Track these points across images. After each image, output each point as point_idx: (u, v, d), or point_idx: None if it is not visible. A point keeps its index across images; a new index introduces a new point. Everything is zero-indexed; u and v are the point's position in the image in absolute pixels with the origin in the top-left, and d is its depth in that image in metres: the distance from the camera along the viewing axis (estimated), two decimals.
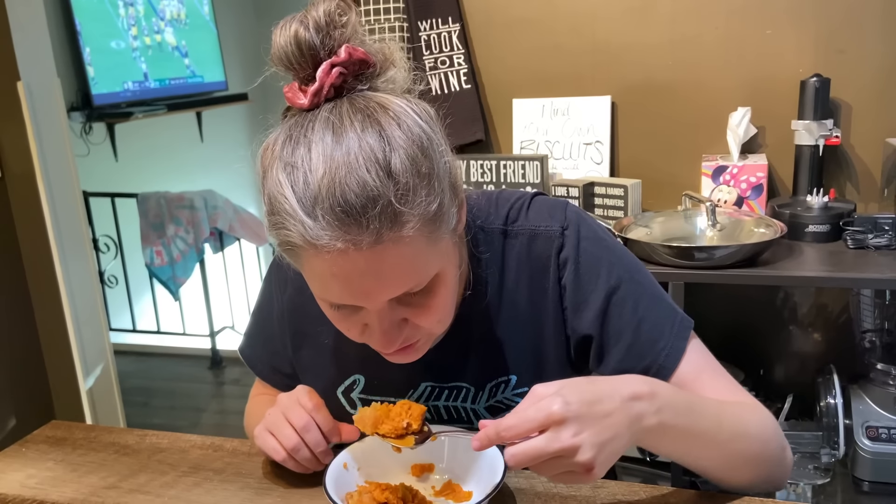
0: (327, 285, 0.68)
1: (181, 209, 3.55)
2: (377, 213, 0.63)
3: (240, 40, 5.02)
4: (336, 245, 0.63)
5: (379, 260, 0.65)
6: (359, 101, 0.68)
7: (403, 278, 0.68)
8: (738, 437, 0.76)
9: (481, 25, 1.87)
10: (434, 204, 0.67)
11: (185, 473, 0.89)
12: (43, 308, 2.21)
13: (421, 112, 0.70)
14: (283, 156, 0.66)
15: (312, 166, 0.64)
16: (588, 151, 1.82)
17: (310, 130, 0.66)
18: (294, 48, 0.67)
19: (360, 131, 0.65)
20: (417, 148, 0.66)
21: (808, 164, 1.62)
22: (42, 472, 0.91)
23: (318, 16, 0.67)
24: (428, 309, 0.73)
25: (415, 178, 0.65)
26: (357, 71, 0.69)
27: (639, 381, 0.70)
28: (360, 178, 0.63)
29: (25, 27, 2.08)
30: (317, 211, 0.63)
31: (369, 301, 0.69)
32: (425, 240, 0.67)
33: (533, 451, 0.63)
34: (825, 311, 1.76)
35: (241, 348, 1.03)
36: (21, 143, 2.09)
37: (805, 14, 1.65)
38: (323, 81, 0.67)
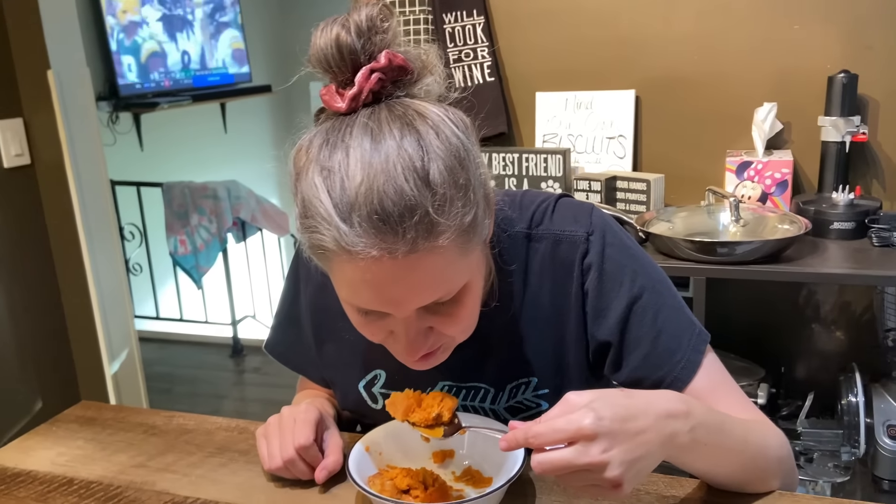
0: (357, 291, 0.68)
1: (205, 199, 3.59)
2: (414, 223, 0.63)
3: (264, 32, 5.05)
4: (371, 252, 0.63)
5: (412, 269, 0.65)
6: (397, 108, 0.68)
7: (434, 288, 0.68)
8: (760, 455, 0.77)
9: (505, 18, 1.87)
10: (469, 216, 0.67)
11: (212, 454, 0.91)
12: (70, 294, 2.25)
13: (457, 121, 0.70)
14: (319, 159, 0.66)
15: (350, 172, 0.64)
16: (611, 145, 1.82)
17: (348, 135, 0.66)
18: (334, 51, 0.67)
19: (399, 138, 0.65)
20: (454, 158, 0.67)
21: (834, 161, 1.60)
22: (72, 450, 0.93)
23: (361, 20, 0.67)
24: (454, 318, 0.73)
25: (452, 189, 0.65)
26: (395, 77, 0.69)
27: (675, 399, 0.69)
28: (398, 186, 0.63)
29: (56, 16, 2.11)
30: (353, 217, 0.63)
31: (398, 309, 0.69)
32: (458, 250, 0.68)
33: (560, 462, 0.62)
34: (848, 309, 1.74)
35: (271, 347, 1.02)
36: (50, 132, 2.12)
37: (833, 9, 1.63)
38: (362, 86, 0.67)
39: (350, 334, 0.92)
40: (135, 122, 3.91)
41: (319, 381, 1.01)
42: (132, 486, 0.85)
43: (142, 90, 3.80)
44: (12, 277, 2.10)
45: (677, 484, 0.80)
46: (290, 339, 1.00)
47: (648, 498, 0.78)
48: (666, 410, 0.67)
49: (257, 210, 3.79)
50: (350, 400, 0.95)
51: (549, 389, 0.86)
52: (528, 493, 0.80)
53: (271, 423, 0.86)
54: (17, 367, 2.12)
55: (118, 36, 3.65)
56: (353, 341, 0.92)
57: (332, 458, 0.83)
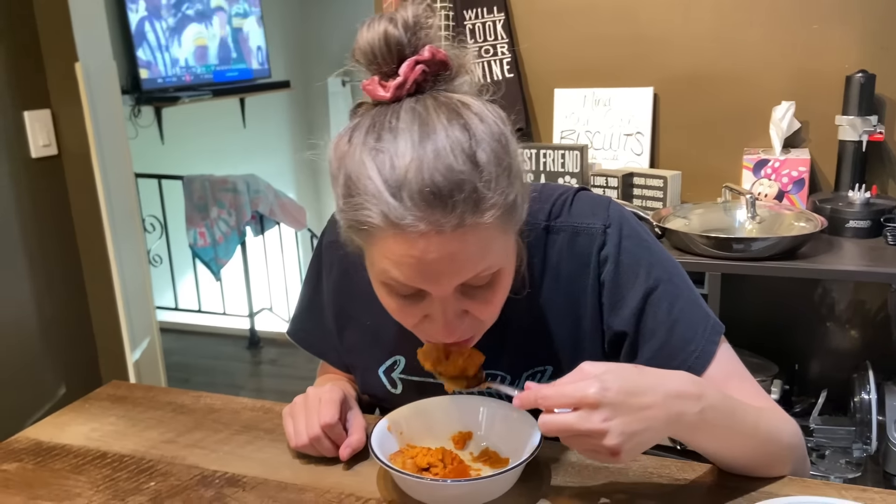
0: (400, 267, 0.70)
1: (224, 192, 3.64)
2: (462, 198, 0.66)
3: (284, 28, 5.10)
4: (419, 226, 0.66)
5: (457, 243, 0.68)
6: (441, 97, 0.71)
7: (475, 264, 0.71)
8: (771, 441, 0.79)
9: (526, 15, 1.89)
10: (512, 195, 0.71)
11: (238, 432, 0.94)
12: (94, 283, 2.30)
13: (496, 113, 0.73)
14: (367, 141, 0.69)
15: (399, 151, 0.67)
16: (628, 142, 1.83)
17: (395, 119, 0.69)
18: (382, 43, 0.71)
19: (447, 122, 0.68)
20: (498, 143, 0.70)
21: (851, 160, 1.62)
22: (105, 426, 0.97)
23: (407, 16, 0.71)
24: (488, 303, 0.76)
25: (497, 168, 0.69)
26: (436, 71, 0.72)
27: (687, 380, 0.72)
28: (448, 163, 0.66)
29: (84, 10, 2.15)
30: (402, 192, 0.66)
31: (438, 286, 0.72)
32: (500, 229, 0.71)
33: (563, 425, 0.67)
34: (863, 307, 1.75)
35: (293, 331, 1.05)
36: (77, 123, 2.17)
37: (852, 9, 1.64)
38: (407, 76, 0.70)
39: (371, 320, 0.95)
40: (156, 115, 3.96)
41: (340, 366, 1.04)
42: (163, 460, 0.88)
43: (163, 84, 3.85)
44: (38, 265, 2.14)
45: (689, 468, 0.83)
46: (312, 324, 1.02)
47: (661, 481, 0.80)
48: (676, 390, 0.70)
49: (275, 204, 3.84)
50: (370, 384, 0.98)
51: None
52: (544, 474, 0.82)
53: (297, 403, 0.89)
54: (42, 353, 2.17)
55: (141, 31, 3.70)
56: (374, 327, 0.95)
57: (356, 437, 0.86)
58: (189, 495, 0.81)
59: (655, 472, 0.82)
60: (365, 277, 0.93)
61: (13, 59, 2.05)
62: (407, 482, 0.77)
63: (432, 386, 0.93)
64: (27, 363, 2.13)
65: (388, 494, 0.79)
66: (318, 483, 0.82)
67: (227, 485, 0.82)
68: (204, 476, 0.84)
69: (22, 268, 2.10)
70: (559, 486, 0.80)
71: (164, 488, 0.82)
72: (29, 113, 2.09)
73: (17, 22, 2.06)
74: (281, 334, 3.91)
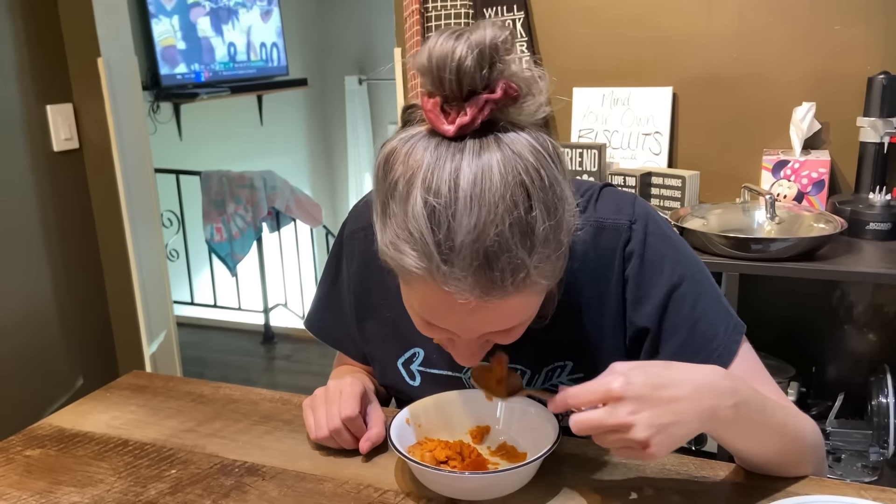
0: (431, 312, 0.71)
1: (241, 188, 3.66)
2: (512, 278, 0.66)
3: (301, 25, 5.12)
4: (465, 295, 0.66)
5: (496, 309, 0.69)
6: (503, 143, 0.67)
7: (509, 321, 0.73)
8: (798, 439, 0.79)
9: (545, 14, 1.89)
10: (559, 266, 0.71)
11: (257, 422, 0.95)
12: (112, 276, 2.32)
13: (554, 155, 0.69)
14: (424, 184, 0.65)
15: (457, 214, 0.64)
16: (647, 142, 1.83)
17: (456, 173, 0.65)
18: (452, 69, 0.65)
19: (508, 183, 0.65)
20: (554, 205, 0.68)
21: (872, 162, 1.60)
22: (126, 414, 0.98)
23: (485, 42, 0.65)
24: (511, 335, 0.77)
25: (551, 247, 0.68)
26: (504, 104, 0.68)
27: (720, 375, 0.71)
28: (504, 240, 0.64)
29: (106, 5, 2.17)
30: (454, 260, 0.65)
31: (467, 334, 0.73)
32: (538, 291, 0.72)
33: (592, 422, 0.67)
34: (881, 310, 1.74)
35: (311, 323, 1.05)
36: (99, 117, 2.19)
37: (874, 10, 1.63)
38: (475, 116, 0.66)
39: (391, 312, 0.95)
40: (175, 111, 4.00)
41: (358, 358, 1.04)
42: (183, 448, 0.89)
43: (182, 81, 3.88)
44: (58, 257, 2.17)
45: (707, 466, 0.83)
46: (330, 316, 1.03)
47: (679, 478, 0.80)
48: (707, 383, 0.70)
49: (292, 201, 3.85)
50: (388, 376, 0.98)
51: (584, 374, 0.89)
52: (563, 469, 0.82)
53: (318, 395, 0.90)
54: (61, 344, 2.19)
55: (161, 27, 3.73)
56: (394, 319, 0.95)
57: (376, 430, 0.86)
58: (209, 483, 0.82)
59: (674, 470, 0.82)
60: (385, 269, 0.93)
61: (37, 54, 2.07)
62: (425, 474, 0.78)
63: (451, 379, 0.93)
64: (46, 354, 2.15)
65: (405, 486, 0.80)
66: (337, 474, 0.83)
67: (246, 474, 0.83)
68: (224, 465, 0.85)
69: (42, 260, 2.12)
70: (577, 481, 0.80)
71: (184, 476, 0.83)
72: (51, 107, 2.11)
73: (41, 17, 2.09)
74: (295, 330, 3.93)
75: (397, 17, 2.01)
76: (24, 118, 2.05)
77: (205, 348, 3.80)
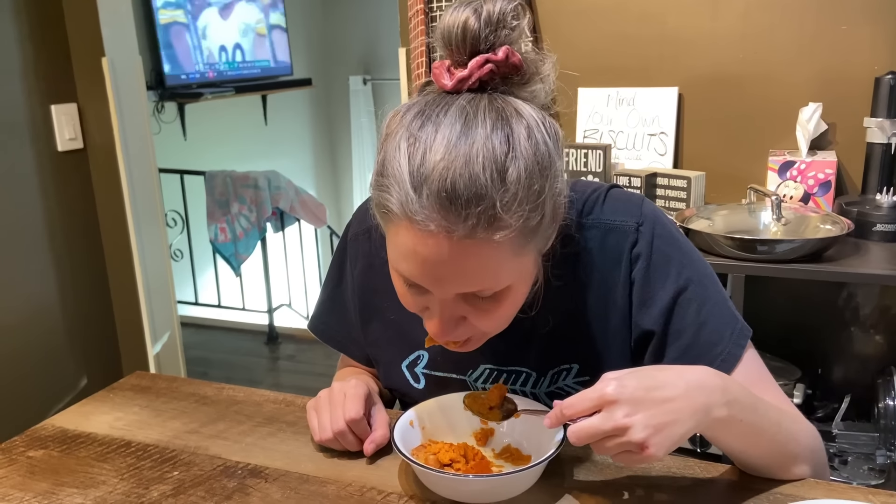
0: (407, 260, 0.71)
1: (246, 188, 3.66)
2: (478, 211, 0.65)
3: (306, 25, 5.12)
4: (429, 226, 0.66)
5: (463, 254, 0.67)
6: (498, 101, 0.70)
7: (479, 278, 0.70)
8: (792, 441, 0.79)
9: (551, 13, 1.88)
10: (533, 221, 0.69)
11: (260, 424, 0.95)
12: (117, 276, 2.32)
13: (551, 131, 0.71)
14: (410, 126, 0.69)
15: (434, 146, 0.66)
16: (652, 142, 1.82)
17: (443, 113, 0.68)
18: (458, 31, 0.70)
19: (490, 129, 0.67)
20: (536, 163, 0.68)
21: (879, 163, 1.59)
22: (129, 415, 0.98)
23: (492, 11, 0.70)
24: (489, 314, 0.75)
25: (524, 191, 0.67)
26: (506, 73, 0.71)
27: (709, 373, 0.72)
28: (474, 172, 0.65)
29: (111, 5, 2.18)
30: (423, 188, 0.66)
31: (439, 289, 0.71)
32: (512, 251, 0.69)
33: (589, 429, 0.67)
34: (888, 312, 1.73)
35: (314, 325, 1.05)
36: (103, 117, 2.19)
37: (882, 10, 1.62)
38: (472, 72, 0.69)
39: (395, 314, 0.95)
40: (179, 111, 4.00)
41: (361, 360, 1.04)
42: (186, 449, 0.89)
43: (187, 81, 3.89)
44: (63, 257, 2.17)
45: (712, 468, 0.82)
46: (334, 318, 1.03)
47: (684, 480, 0.80)
48: (697, 381, 0.70)
49: (296, 201, 3.86)
50: (393, 379, 0.98)
51: (590, 377, 0.88)
52: (567, 471, 0.82)
53: (322, 397, 0.89)
54: (65, 344, 2.20)
55: (166, 27, 3.73)
56: (398, 321, 0.95)
57: (380, 433, 0.86)
58: (212, 485, 0.81)
59: (679, 472, 0.81)
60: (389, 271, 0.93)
61: (41, 54, 2.08)
62: (430, 477, 0.77)
63: (455, 381, 0.93)
64: (50, 354, 2.15)
65: (409, 489, 0.80)
66: (341, 476, 0.82)
67: (249, 476, 0.83)
68: (227, 466, 0.85)
69: (46, 259, 2.13)
70: (581, 484, 0.80)
71: (187, 478, 0.83)
72: (56, 106, 2.11)
73: (46, 17, 2.09)
74: (299, 330, 3.93)
75: (402, 17, 2.01)
76: (28, 118, 2.05)
77: (209, 348, 3.80)
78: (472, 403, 0.82)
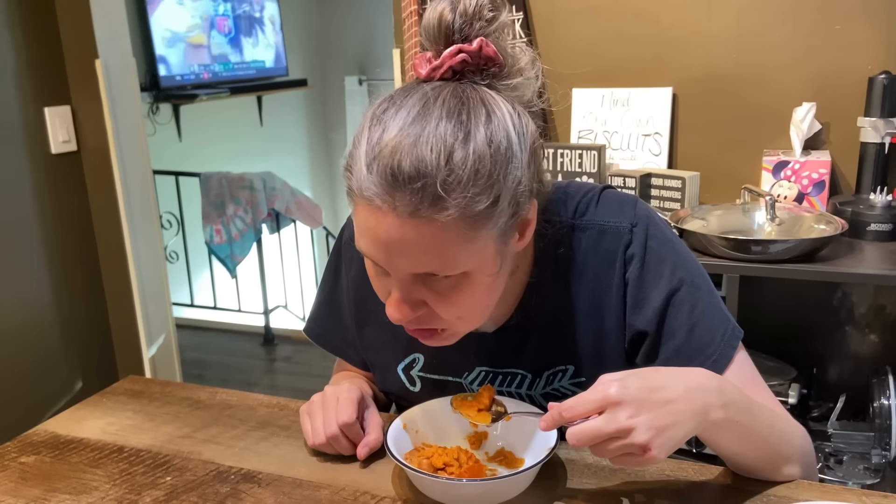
0: (363, 237, 0.72)
1: (241, 189, 3.65)
2: (419, 188, 0.66)
3: (301, 25, 5.11)
4: (376, 201, 0.68)
5: (410, 231, 0.68)
6: (466, 90, 0.71)
7: (426, 259, 0.70)
8: (785, 442, 0.79)
9: (545, 14, 1.88)
10: (480, 206, 0.68)
11: (254, 428, 0.94)
12: (111, 278, 2.31)
13: (519, 126, 0.71)
14: (376, 110, 0.71)
15: (390, 127, 0.68)
16: (646, 143, 1.82)
17: (407, 97, 0.70)
18: (435, 23, 0.72)
19: (445, 114, 0.68)
20: (489, 151, 0.68)
21: (873, 162, 1.60)
22: (122, 420, 0.98)
23: (469, 3, 0.71)
24: (448, 301, 0.74)
25: (470, 174, 0.67)
26: (481, 65, 0.72)
27: (706, 375, 0.72)
28: (421, 152, 0.66)
29: (104, 7, 2.17)
30: (374, 165, 0.68)
31: (391, 266, 0.71)
32: (460, 235, 0.69)
33: (591, 431, 0.66)
34: (883, 311, 1.73)
35: (309, 329, 1.04)
36: (97, 119, 2.18)
37: (876, 10, 1.62)
38: (444, 60, 0.71)
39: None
40: (174, 113, 3.99)
41: (358, 364, 1.03)
42: (179, 454, 0.88)
43: (181, 82, 3.88)
44: (57, 260, 2.16)
45: (706, 471, 0.82)
46: (330, 322, 1.02)
47: (678, 483, 0.80)
48: (696, 383, 0.70)
49: (292, 202, 3.85)
50: (389, 382, 0.98)
51: (585, 378, 0.88)
52: (560, 475, 0.82)
53: (315, 401, 0.89)
54: (59, 347, 2.19)
55: (160, 28, 3.72)
56: (393, 325, 0.95)
57: (374, 436, 0.86)
58: (205, 490, 0.81)
59: (673, 475, 0.81)
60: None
61: (34, 56, 2.07)
62: (423, 481, 0.77)
63: (451, 384, 0.93)
64: (44, 357, 2.15)
65: (403, 493, 0.79)
66: (334, 480, 0.82)
67: (242, 481, 0.83)
68: (220, 471, 0.85)
69: (40, 262, 2.12)
70: (575, 487, 0.79)
71: (179, 483, 0.82)
72: (49, 109, 2.11)
73: (39, 19, 2.08)
74: (295, 331, 3.93)
75: (396, 17, 2.01)
76: (21, 121, 2.04)
77: (205, 350, 3.80)
78: (460, 405, 0.82)
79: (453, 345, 0.90)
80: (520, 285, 0.87)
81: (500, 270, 0.76)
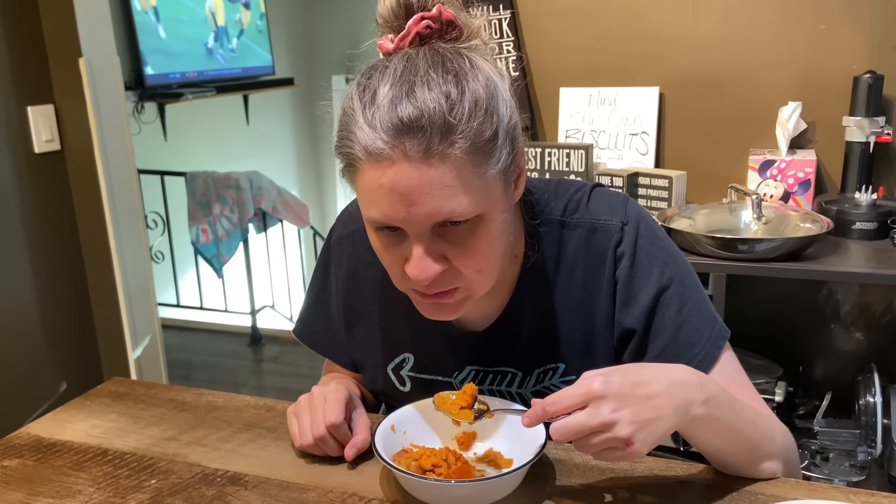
0: (375, 199, 0.70)
1: (227, 189, 3.63)
2: (426, 127, 0.67)
3: (287, 24, 5.09)
4: (385, 152, 0.68)
5: (425, 172, 0.68)
6: (439, 48, 0.73)
7: (444, 200, 0.69)
8: (767, 439, 0.79)
9: (532, 13, 1.88)
10: (487, 132, 0.70)
11: (240, 430, 0.93)
12: (96, 279, 2.29)
13: (495, 69, 0.74)
14: (360, 80, 0.73)
15: (381, 85, 0.70)
16: (634, 142, 1.83)
17: (388, 63, 0.72)
18: (394, 3, 0.75)
19: (432, 62, 0.71)
20: (483, 87, 0.71)
21: (858, 161, 1.61)
22: (106, 422, 0.96)
23: None
24: (468, 250, 0.73)
25: (470, 106, 0.69)
26: (444, 31, 0.75)
27: (688, 371, 0.73)
28: (420, 97, 0.68)
29: (88, 5, 2.15)
30: (376, 120, 0.68)
31: (408, 219, 0.70)
32: (472, 167, 0.70)
33: (575, 425, 0.66)
34: (868, 309, 1.74)
35: (299, 331, 1.04)
36: (81, 119, 2.16)
37: (860, 10, 1.63)
38: (411, 29, 0.73)
39: (380, 318, 0.94)
40: (159, 112, 3.96)
41: (347, 365, 1.03)
42: (164, 457, 0.87)
43: (167, 81, 3.85)
44: (40, 260, 2.14)
45: (694, 469, 0.82)
46: (319, 323, 1.02)
47: (666, 482, 0.80)
48: (679, 379, 0.71)
49: (278, 201, 3.83)
50: (378, 382, 0.97)
51: (575, 376, 0.87)
52: (549, 475, 0.81)
53: (302, 402, 0.88)
54: (43, 349, 2.16)
55: (145, 26, 3.69)
56: (383, 325, 0.94)
57: (361, 437, 0.85)
58: (190, 493, 0.80)
59: (661, 474, 0.81)
60: (373, 274, 0.92)
61: (17, 54, 2.04)
62: (411, 482, 0.76)
63: (441, 384, 0.93)
64: (28, 359, 2.12)
65: (391, 494, 0.79)
66: (321, 482, 0.81)
67: (228, 483, 0.82)
68: (206, 474, 0.84)
69: (24, 263, 2.09)
70: (563, 487, 0.79)
71: (165, 486, 0.82)
72: (32, 108, 2.08)
73: (22, 17, 2.05)
74: (283, 332, 3.91)
75: None
76: (4, 120, 2.02)
77: (191, 351, 3.77)
78: (442, 403, 0.81)
79: (443, 344, 0.90)
80: (510, 282, 0.87)
81: (506, 215, 0.77)
